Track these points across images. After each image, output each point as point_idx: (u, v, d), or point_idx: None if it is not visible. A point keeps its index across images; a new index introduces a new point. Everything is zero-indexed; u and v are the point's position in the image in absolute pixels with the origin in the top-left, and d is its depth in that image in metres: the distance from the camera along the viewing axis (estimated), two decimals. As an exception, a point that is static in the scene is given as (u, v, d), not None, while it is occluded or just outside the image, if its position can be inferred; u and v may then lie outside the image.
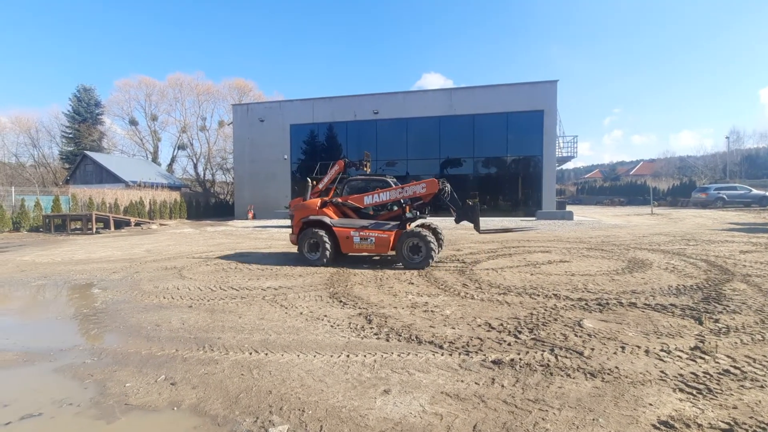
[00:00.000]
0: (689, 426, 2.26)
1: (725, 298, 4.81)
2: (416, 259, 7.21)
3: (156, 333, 4.12)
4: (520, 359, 3.23)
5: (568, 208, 21.52)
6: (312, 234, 7.79)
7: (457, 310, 4.62)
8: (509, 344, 3.56)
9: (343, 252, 7.94)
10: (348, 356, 3.39)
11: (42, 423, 2.52)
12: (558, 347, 3.44)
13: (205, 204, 30.24)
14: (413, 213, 7.90)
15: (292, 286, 6.02)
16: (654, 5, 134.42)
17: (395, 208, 8.02)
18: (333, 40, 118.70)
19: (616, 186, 49.85)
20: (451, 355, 3.35)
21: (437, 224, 8.61)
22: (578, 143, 33.18)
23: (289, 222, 8.59)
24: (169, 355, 3.52)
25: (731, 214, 19.47)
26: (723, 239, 10.16)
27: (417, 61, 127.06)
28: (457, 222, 7.93)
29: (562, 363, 3.13)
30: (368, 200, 7.89)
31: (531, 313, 4.41)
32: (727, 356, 3.18)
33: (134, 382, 3.01)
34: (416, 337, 3.76)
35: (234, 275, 6.95)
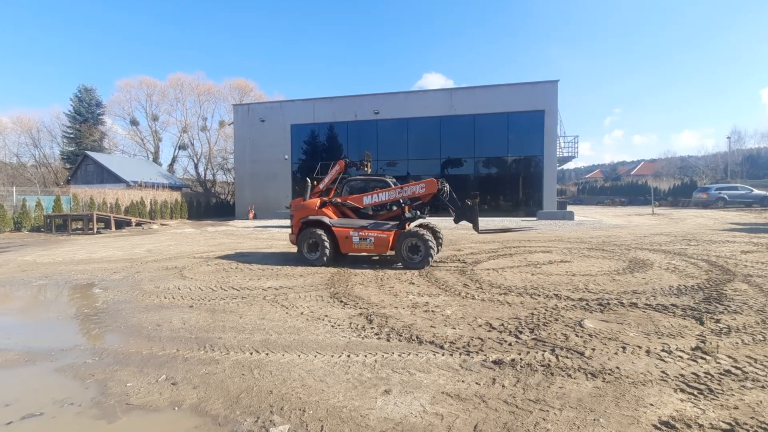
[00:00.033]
0: (690, 426, 2.26)
1: (726, 299, 4.81)
2: (415, 259, 7.21)
3: (157, 333, 4.12)
4: (521, 359, 3.22)
5: (569, 208, 21.51)
6: (311, 234, 7.79)
7: (458, 310, 4.62)
8: (510, 344, 3.56)
9: (343, 252, 7.93)
10: (349, 356, 3.39)
11: (43, 423, 2.53)
12: (559, 347, 3.43)
13: (206, 204, 30.27)
14: (412, 213, 7.89)
15: (293, 286, 6.02)
16: (655, 5, 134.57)
17: (394, 208, 8.01)
18: (333, 40, 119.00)
19: (617, 186, 49.80)
20: (452, 355, 3.35)
21: (436, 224, 8.61)
22: (579, 143, 33.17)
23: (290, 222, 8.61)
24: (170, 355, 3.52)
25: (732, 215, 19.45)
26: (724, 239, 10.14)
27: (417, 61, 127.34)
28: (456, 222, 7.93)
29: (563, 363, 3.13)
30: (367, 200, 7.89)
31: (532, 314, 4.41)
32: (729, 356, 3.18)
33: (135, 382, 3.01)
34: (417, 337, 3.76)
35: (235, 275, 6.96)
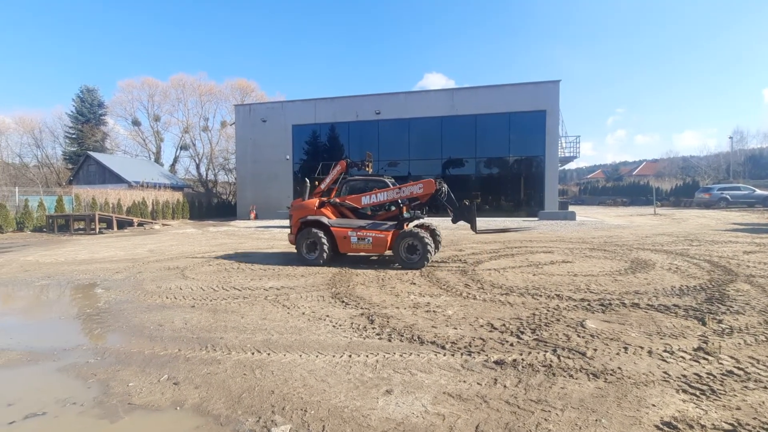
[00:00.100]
0: (692, 427, 2.25)
1: (729, 299, 4.79)
2: (413, 259, 7.23)
3: (159, 333, 4.13)
4: (523, 360, 3.22)
5: (571, 209, 21.46)
6: (310, 234, 7.83)
7: (460, 311, 4.62)
8: (512, 345, 3.56)
9: (341, 252, 7.96)
10: (350, 356, 3.39)
11: (46, 422, 2.53)
12: (560, 348, 3.43)
13: (208, 204, 30.32)
14: (411, 213, 7.91)
15: (294, 287, 6.03)
16: (657, 4, 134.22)
17: (393, 209, 8.04)
18: (334, 40, 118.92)
19: (619, 186, 49.68)
20: (454, 356, 3.35)
21: (435, 224, 8.62)
22: (581, 143, 32.97)
23: (289, 222, 8.62)
24: (172, 355, 3.53)
25: (735, 215, 19.40)
26: (726, 240, 10.11)
27: (419, 61, 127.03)
28: (454, 222, 7.95)
29: (565, 363, 3.12)
30: (366, 200, 7.92)
31: (533, 314, 4.41)
32: (731, 357, 3.17)
33: (137, 382, 3.02)
34: (418, 338, 3.76)
35: (236, 275, 6.97)
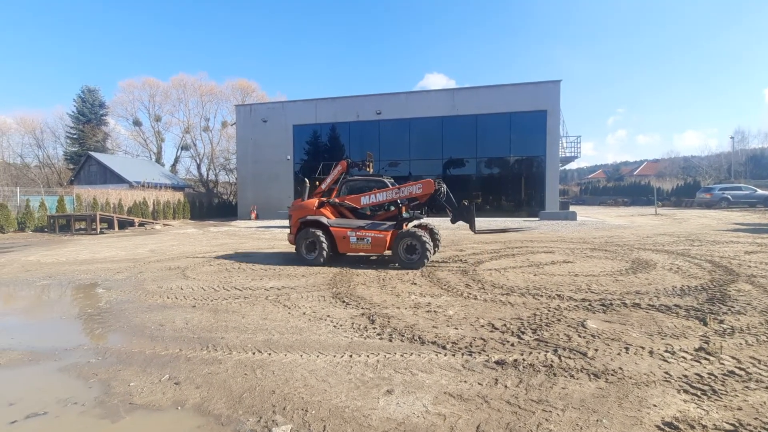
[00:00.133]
0: (694, 427, 2.25)
1: (730, 299, 4.79)
2: (412, 259, 7.26)
3: (160, 333, 4.14)
4: (524, 360, 3.22)
5: (572, 209, 21.44)
6: (309, 234, 7.85)
7: (460, 311, 4.61)
8: (512, 345, 3.55)
9: (340, 252, 7.97)
10: (351, 356, 3.39)
11: (47, 422, 2.54)
12: (561, 348, 3.43)
13: (209, 204, 30.35)
14: (410, 213, 7.92)
15: (295, 287, 6.03)
16: (657, 4, 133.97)
17: (392, 209, 8.06)
18: (335, 41, 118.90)
19: (620, 186, 49.60)
20: (454, 356, 3.35)
21: (434, 225, 8.63)
22: (581, 143, 33.02)
23: (288, 222, 8.64)
24: (173, 355, 3.53)
25: (736, 215, 19.37)
26: (728, 240, 10.10)
27: (419, 62, 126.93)
28: (453, 222, 7.97)
29: (566, 364, 3.12)
30: (365, 200, 7.94)
31: (534, 314, 4.41)
32: (732, 357, 3.17)
33: (138, 382, 3.03)
34: (419, 338, 3.76)
35: (237, 275, 6.98)
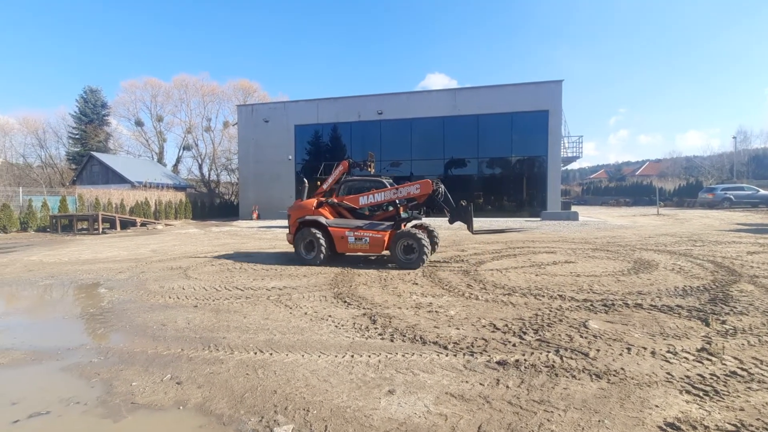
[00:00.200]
0: (696, 428, 2.24)
1: (732, 300, 4.77)
2: (410, 259, 7.28)
3: (162, 332, 4.15)
4: (525, 360, 3.22)
5: (573, 209, 21.42)
6: (307, 234, 7.89)
7: (462, 311, 4.61)
8: (514, 345, 3.55)
9: (339, 252, 8.01)
10: (352, 356, 3.39)
11: (49, 421, 2.55)
12: (563, 348, 3.42)
13: (210, 204, 30.38)
14: (408, 213, 7.94)
15: (297, 287, 6.04)
16: (659, 4, 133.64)
17: (390, 209, 8.09)
18: (336, 41, 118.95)
19: (622, 186, 49.47)
20: (456, 356, 3.34)
21: (433, 225, 8.66)
22: (583, 143, 32.96)
23: (287, 222, 8.68)
24: (175, 355, 3.54)
25: (738, 215, 19.30)
26: (730, 240, 10.07)
27: (421, 62, 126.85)
28: (451, 222, 8.01)
29: (568, 364, 3.12)
30: (363, 201, 7.98)
31: (536, 314, 4.40)
32: (734, 358, 3.16)
33: (140, 381, 3.03)
34: (420, 338, 3.76)
35: (239, 275, 6.99)
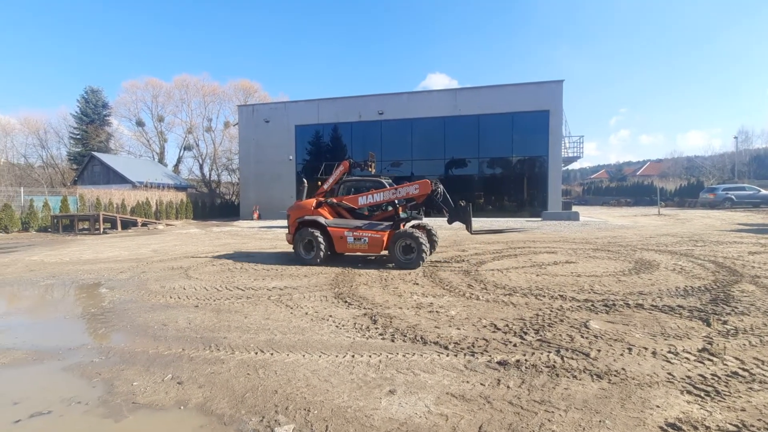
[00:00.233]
0: (697, 428, 2.24)
1: (733, 300, 4.76)
2: (409, 259, 7.29)
3: (163, 332, 4.15)
4: (526, 360, 3.22)
5: (574, 209, 21.40)
6: (307, 234, 7.92)
7: (463, 311, 4.61)
8: (515, 345, 3.55)
9: (337, 251, 8.03)
10: (353, 356, 3.39)
11: (51, 421, 2.55)
12: (564, 348, 3.42)
13: (211, 204, 30.42)
14: (407, 213, 7.95)
15: (298, 287, 6.04)
16: (660, 3, 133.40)
17: (389, 209, 8.10)
18: (337, 41, 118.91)
19: (623, 186, 49.39)
20: (457, 356, 3.34)
21: (433, 225, 8.66)
22: (584, 143, 33.02)
23: (287, 222, 8.70)
24: (176, 355, 3.55)
25: (740, 215, 19.26)
26: (731, 240, 10.05)
27: (421, 62, 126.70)
28: (450, 222, 8.04)
29: (569, 364, 3.11)
30: (362, 201, 7.99)
31: (537, 314, 4.40)
32: (736, 358, 3.15)
33: (141, 381, 3.04)
34: (421, 338, 3.76)
35: (240, 275, 6.99)
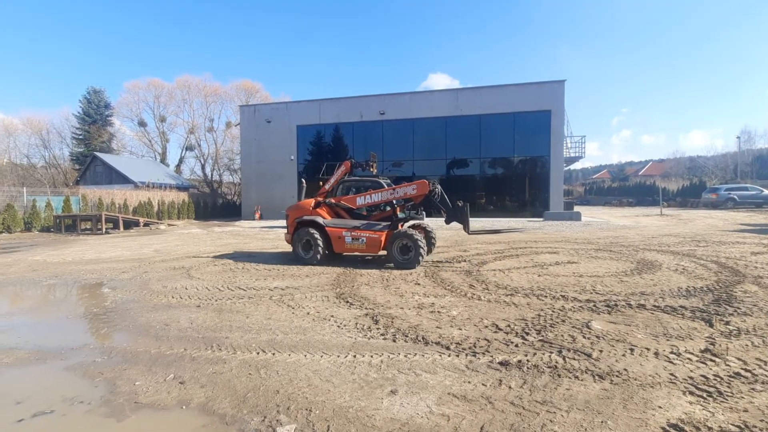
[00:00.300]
0: (699, 429, 2.23)
1: (736, 300, 4.75)
2: (407, 259, 7.30)
3: (165, 332, 4.16)
4: (528, 361, 3.21)
5: (576, 209, 21.36)
6: (305, 234, 7.95)
7: (464, 311, 4.61)
8: (516, 345, 3.55)
9: (336, 251, 8.06)
10: (355, 356, 3.40)
11: (54, 420, 2.56)
12: (566, 349, 3.41)
13: (213, 204, 30.48)
14: (405, 213, 7.97)
15: (299, 287, 6.05)
16: (662, 4, 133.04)
17: (388, 209, 8.12)
18: (338, 41, 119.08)
19: (625, 186, 49.29)
20: (458, 356, 3.34)
21: (432, 225, 8.67)
22: (586, 143, 32.90)
23: (285, 222, 8.74)
24: (178, 354, 3.55)
25: (742, 215, 19.19)
26: (734, 240, 10.02)
27: (423, 62, 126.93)
28: (447, 223, 8.05)
29: (570, 365, 3.11)
30: (360, 201, 8.02)
31: (538, 315, 4.39)
32: (738, 359, 3.14)
33: (144, 381, 3.05)
34: (423, 338, 3.76)
35: (241, 275, 7.00)
